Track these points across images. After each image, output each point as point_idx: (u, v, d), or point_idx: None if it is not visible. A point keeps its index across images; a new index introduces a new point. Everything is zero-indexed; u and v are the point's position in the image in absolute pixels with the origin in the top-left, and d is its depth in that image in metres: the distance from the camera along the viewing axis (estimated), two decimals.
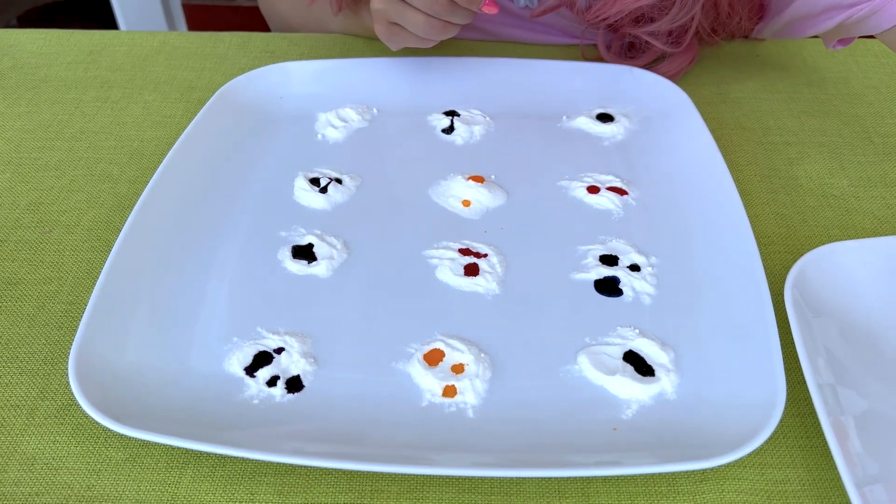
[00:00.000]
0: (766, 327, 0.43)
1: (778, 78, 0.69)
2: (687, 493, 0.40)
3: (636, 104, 0.64)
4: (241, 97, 0.63)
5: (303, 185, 0.56)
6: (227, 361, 0.45)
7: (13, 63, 0.72)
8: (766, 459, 0.41)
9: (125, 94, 0.68)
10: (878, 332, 0.45)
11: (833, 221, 0.55)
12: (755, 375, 0.42)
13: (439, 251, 0.52)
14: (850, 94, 0.67)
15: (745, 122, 0.65)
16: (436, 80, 0.66)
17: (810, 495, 0.40)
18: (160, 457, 0.42)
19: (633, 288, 0.49)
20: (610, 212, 0.55)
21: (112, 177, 0.60)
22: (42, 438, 0.43)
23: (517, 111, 0.64)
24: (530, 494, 0.40)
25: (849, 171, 0.60)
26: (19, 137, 0.63)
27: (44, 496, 0.40)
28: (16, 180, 0.59)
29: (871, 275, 0.47)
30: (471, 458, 0.40)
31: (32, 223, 0.56)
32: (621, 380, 0.43)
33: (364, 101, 0.65)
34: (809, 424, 0.43)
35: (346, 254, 0.52)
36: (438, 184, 0.57)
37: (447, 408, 0.43)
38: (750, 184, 0.58)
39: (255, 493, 0.40)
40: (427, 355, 0.45)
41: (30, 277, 0.52)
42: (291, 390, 0.44)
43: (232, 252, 0.52)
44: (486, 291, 0.49)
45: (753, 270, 0.47)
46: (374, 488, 0.41)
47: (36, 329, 0.48)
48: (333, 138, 0.62)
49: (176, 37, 0.75)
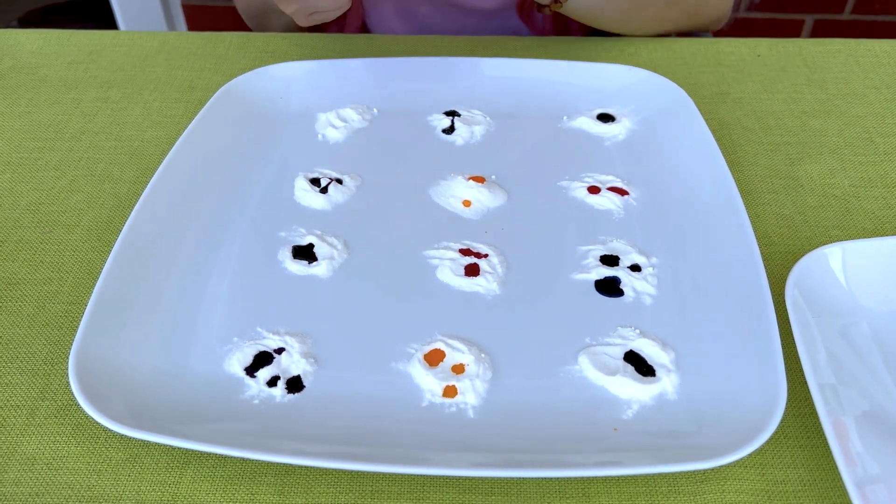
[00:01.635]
0: (767, 327, 0.43)
1: (779, 78, 0.69)
2: (687, 493, 0.40)
3: (637, 104, 0.64)
4: (241, 97, 0.63)
5: (303, 186, 0.56)
6: (228, 361, 0.45)
7: (13, 63, 0.72)
8: (766, 460, 0.41)
9: (125, 94, 0.68)
10: (879, 331, 0.45)
11: (834, 221, 0.55)
12: (756, 376, 0.42)
13: (440, 251, 0.51)
14: (851, 94, 0.67)
15: (746, 122, 0.65)
16: (436, 80, 0.66)
17: (811, 495, 0.40)
18: (160, 457, 0.42)
19: (633, 288, 0.49)
20: (611, 212, 0.55)
21: (112, 177, 0.60)
22: (42, 438, 0.43)
23: (518, 111, 0.64)
24: (530, 495, 0.40)
25: (850, 171, 0.60)
26: (19, 137, 0.63)
27: (44, 496, 0.40)
28: (16, 180, 0.59)
29: (872, 275, 0.47)
30: (471, 458, 0.40)
31: (32, 223, 0.56)
32: (622, 380, 0.43)
33: (364, 101, 0.65)
34: (810, 424, 0.43)
35: (346, 254, 0.52)
36: (439, 184, 0.57)
37: (447, 408, 0.43)
38: (751, 184, 0.58)
39: (255, 493, 0.40)
40: (427, 355, 0.45)
41: (30, 277, 0.52)
42: (292, 390, 0.43)
43: (232, 252, 0.52)
44: (487, 292, 0.49)
45: (754, 270, 0.47)
46: (374, 488, 0.40)
47: (36, 329, 0.48)
48: (334, 138, 0.62)
49: (176, 37, 0.75)
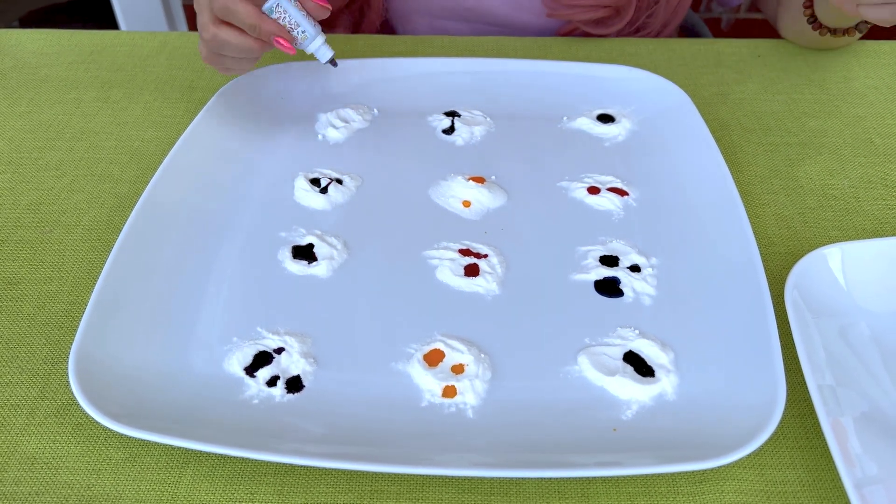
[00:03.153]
0: (767, 328, 0.43)
1: (779, 78, 0.69)
2: (687, 493, 0.40)
3: (637, 105, 0.64)
4: (241, 97, 0.63)
5: (303, 186, 0.56)
6: (228, 361, 0.45)
7: (14, 63, 0.72)
8: (765, 460, 0.41)
9: (126, 94, 0.68)
10: (878, 332, 0.45)
11: (833, 222, 0.55)
12: (755, 376, 0.42)
13: (439, 252, 0.52)
14: (852, 94, 0.67)
15: (746, 123, 0.65)
16: (436, 80, 0.66)
17: (810, 496, 0.40)
18: (160, 457, 0.42)
19: (633, 289, 0.49)
20: (610, 212, 0.55)
21: (112, 177, 0.60)
22: (42, 438, 0.43)
23: (518, 112, 0.64)
24: (530, 495, 0.40)
25: (849, 172, 0.60)
26: (20, 137, 0.63)
27: (44, 496, 0.40)
28: (16, 180, 0.59)
29: (872, 276, 0.47)
30: (471, 458, 0.40)
31: (33, 223, 0.56)
32: (621, 380, 0.43)
33: (364, 102, 0.65)
34: (809, 425, 0.43)
35: (346, 254, 0.52)
36: (439, 184, 0.57)
37: (447, 408, 0.43)
38: (750, 185, 0.58)
39: (255, 493, 0.40)
40: (427, 356, 0.45)
41: (30, 277, 0.52)
42: (291, 390, 0.44)
43: (232, 252, 0.52)
44: (487, 292, 0.49)
45: (754, 271, 0.47)
46: (374, 488, 0.41)
47: (36, 329, 0.48)
48: (334, 138, 0.62)
49: (176, 37, 0.75)
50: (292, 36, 0.54)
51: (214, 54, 0.55)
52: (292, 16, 0.53)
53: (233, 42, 0.52)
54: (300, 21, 0.54)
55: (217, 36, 0.52)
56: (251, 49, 0.53)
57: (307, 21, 0.54)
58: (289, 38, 0.53)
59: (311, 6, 0.54)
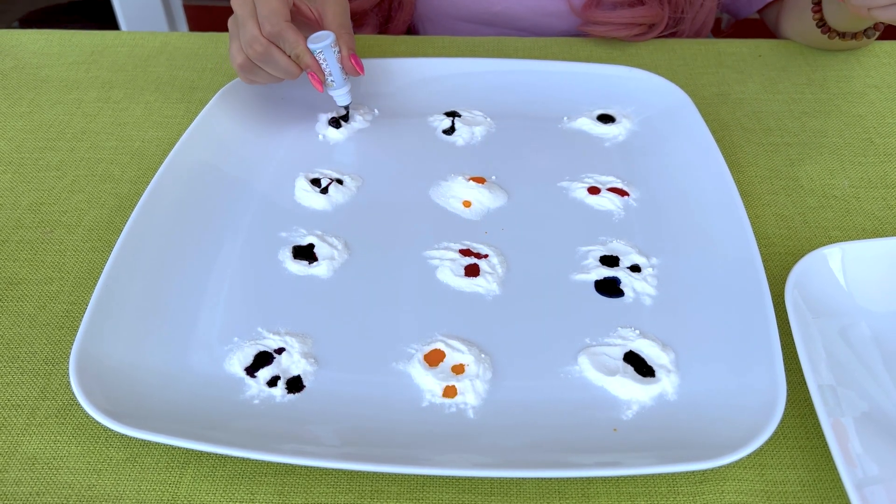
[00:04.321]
0: (767, 328, 0.43)
1: (779, 78, 0.69)
2: (687, 493, 0.40)
3: (637, 105, 0.64)
4: (242, 98, 0.63)
5: (304, 186, 0.56)
6: (228, 361, 0.45)
7: (15, 63, 0.72)
8: (765, 460, 0.41)
9: (126, 94, 0.68)
10: (878, 332, 0.45)
11: (834, 222, 0.55)
12: (755, 376, 0.42)
13: (440, 252, 0.52)
14: (852, 94, 0.67)
15: (746, 123, 0.65)
16: (437, 80, 0.66)
17: (810, 496, 0.40)
18: (160, 457, 0.42)
19: (633, 289, 0.49)
20: (611, 213, 0.55)
21: (113, 177, 0.60)
22: (43, 438, 0.43)
23: (518, 112, 0.64)
24: (530, 495, 0.40)
25: (850, 171, 0.60)
26: (21, 138, 0.63)
27: (44, 496, 0.40)
28: (17, 180, 0.59)
29: (872, 276, 0.47)
30: (471, 458, 0.40)
31: (34, 223, 0.56)
32: (622, 380, 0.43)
33: (365, 102, 0.65)
34: (809, 425, 0.43)
35: (346, 254, 0.52)
36: (439, 184, 0.57)
37: (447, 408, 0.43)
38: (751, 185, 0.58)
39: (255, 493, 0.40)
40: (427, 356, 0.45)
41: (31, 277, 0.52)
42: (292, 390, 0.44)
43: (233, 252, 0.52)
44: (487, 292, 0.49)
45: (754, 271, 0.47)
46: (374, 488, 0.41)
47: (37, 329, 0.48)
48: (334, 139, 0.62)
49: (177, 37, 0.75)
50: (324, 76, 0.58)
51: (253, 65, 0.56)
52: (329, 64, 0.57)
53: (280, 63, 0.55)
54: (333, 71, 0.58)
55: (269, 52, 0.54)
56: (292, 73, 0.56)
57: (339, 73, 0.58)
58: (321, 79, 0.57)
59: (348, 66, 0.58)
